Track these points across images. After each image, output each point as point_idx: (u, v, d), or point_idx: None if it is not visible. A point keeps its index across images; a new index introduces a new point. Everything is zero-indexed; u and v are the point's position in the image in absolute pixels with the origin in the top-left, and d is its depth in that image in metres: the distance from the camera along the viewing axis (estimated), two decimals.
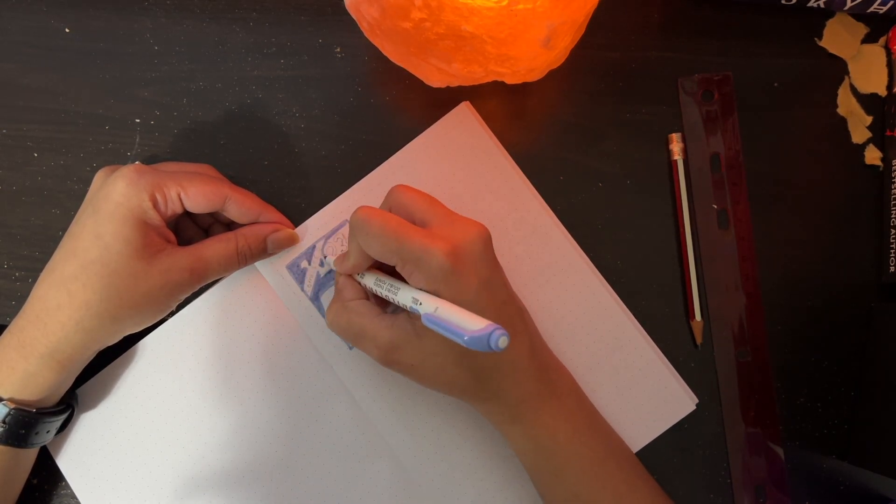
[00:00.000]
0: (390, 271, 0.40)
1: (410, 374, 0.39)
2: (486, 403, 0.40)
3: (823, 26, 0.49)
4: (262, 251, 0.44)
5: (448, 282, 0.36)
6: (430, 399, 0.45)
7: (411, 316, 0.39)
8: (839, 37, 0.49)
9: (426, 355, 0.38)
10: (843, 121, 0.49)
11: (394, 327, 0.39)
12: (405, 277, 0.38)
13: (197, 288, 0.42)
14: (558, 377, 0.42)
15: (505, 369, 0.39)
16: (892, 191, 0.47)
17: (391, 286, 0.38)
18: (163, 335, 0.46)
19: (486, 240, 0.39)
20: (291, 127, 0.48)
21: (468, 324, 0.31)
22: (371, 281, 0.40)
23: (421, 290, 0.37)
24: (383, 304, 0.42)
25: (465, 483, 0.45)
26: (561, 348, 0.46)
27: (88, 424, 0.45)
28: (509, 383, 0.39)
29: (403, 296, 0.37)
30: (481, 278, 0.37)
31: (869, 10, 0.47)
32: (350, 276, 0.42)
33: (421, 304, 0.35)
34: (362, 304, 0.41)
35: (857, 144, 0.48)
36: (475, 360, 0.38)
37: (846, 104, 0.49)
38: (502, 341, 0.30)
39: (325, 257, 0.46)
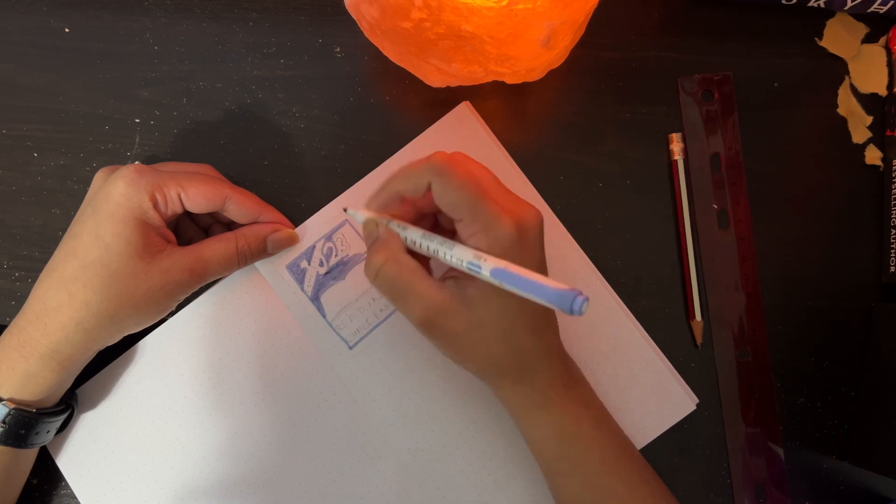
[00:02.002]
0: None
1: (449, 342, 0.38)
2: (516, 385, 0.39)
3: (823, 26, 0.49)
4: (262, 251, 0.44)
5: (512, 253, 0.35)
6: (431, 399, 0.45)
7: (460, 283, 0.37)
8: (839, 37, 0.49)
9: (472, 325, 0.37)
10: (844, 121, 0.49)
11: (444, 290, 0.37)
12: (464, 237, 0.36)
13: (197, 288, 0.42)
14: (576, 369, 0.42)
15: (542, 352, 0.39)
16: (892, 191, 0.47)
17: (443, 241, 0.36)
18: (163, 335, 0.46)
19: (542, 224, 0.38)
20: (291, 127, 0.48)
21: (546, 282, 0.30)
22: (418, 234, 0.38)
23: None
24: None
25: (465, 483, 0.45)
26: None
27: (88, 424, 0.45)
28: (543, 366, 0.39)
29: (461, 252, 0.35)
30: (536, 259, 0.37)
31: (869, 10, 0.47)
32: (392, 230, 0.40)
33: (485, 260, 0.34)
34: (412, 261, 0.38)
35: (858, 144, 0.48)
36: (520, 338, 0.38)
37: (846, 104, 0.49)
38: (585, 306, 0.29)
39: (345, 210, 0.44)
